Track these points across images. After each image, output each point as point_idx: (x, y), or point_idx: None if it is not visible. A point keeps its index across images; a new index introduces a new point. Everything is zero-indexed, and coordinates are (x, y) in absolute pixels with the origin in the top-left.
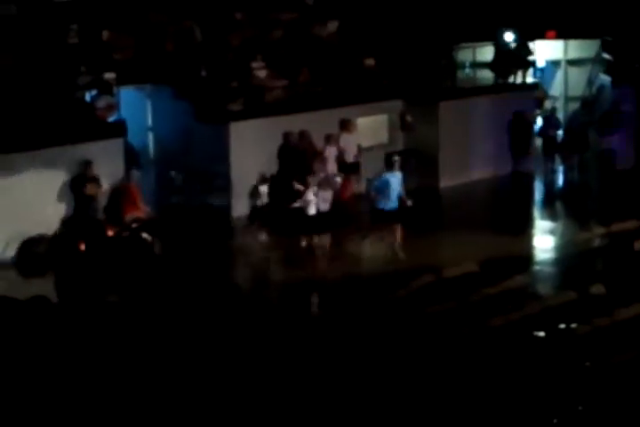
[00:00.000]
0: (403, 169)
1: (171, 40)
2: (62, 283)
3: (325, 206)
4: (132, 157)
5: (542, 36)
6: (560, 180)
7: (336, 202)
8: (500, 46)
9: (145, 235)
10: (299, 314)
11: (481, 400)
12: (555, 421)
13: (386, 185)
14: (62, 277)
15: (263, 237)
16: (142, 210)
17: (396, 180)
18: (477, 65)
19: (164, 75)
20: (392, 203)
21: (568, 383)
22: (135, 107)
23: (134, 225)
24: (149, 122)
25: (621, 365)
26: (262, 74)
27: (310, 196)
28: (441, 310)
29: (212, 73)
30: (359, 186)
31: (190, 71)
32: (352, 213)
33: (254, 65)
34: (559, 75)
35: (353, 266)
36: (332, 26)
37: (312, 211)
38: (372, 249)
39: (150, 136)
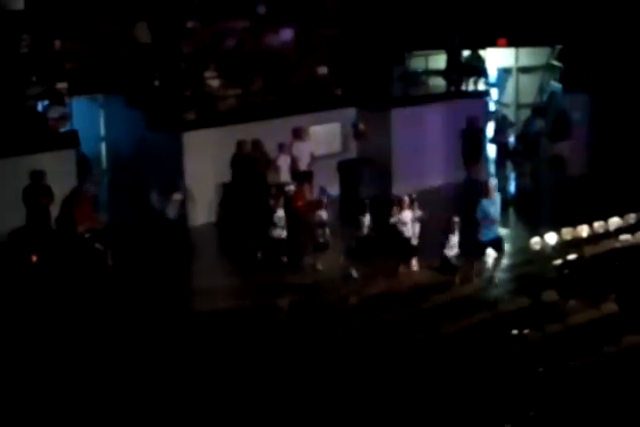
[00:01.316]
0: (356, 179)
1: (122, 49)
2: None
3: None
4: (85, 168)
5: (494, 44)
6: (512, 186)
7: (289, 211)
8: (452, 54)
9: (98, 245)
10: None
11: (436, 405)
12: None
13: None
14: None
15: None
16: (95, 220)
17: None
18: (430, 73)
19: (116, 84)
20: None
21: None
22: (88, 117)
23: (87, 235)
24: (102, 132)
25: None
26: (215, 83)
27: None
28: (393, 318)
29: (164, 82)
30: (312, 194)
31: (143, 80)
32: (306, 223)
33: (207, 74)
34: (510, 82)
35: None
36: (286, 34)
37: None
38: None
39: (103, 146)
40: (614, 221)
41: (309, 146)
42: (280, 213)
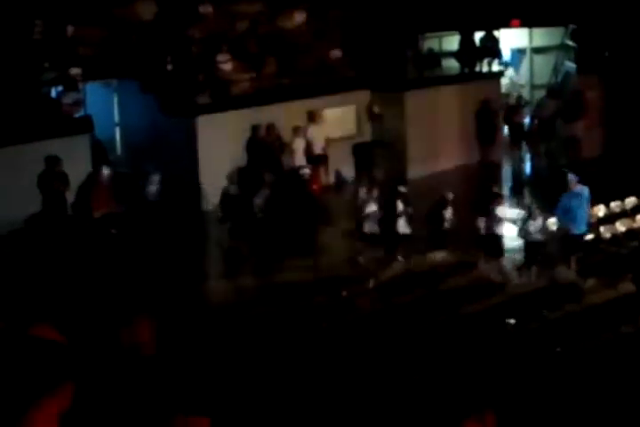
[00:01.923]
0: (371, 161)
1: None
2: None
3: None
4: (100, 153)
5: (507, 25)
6: (527, 167)
7: (305, 194)
8: (466, 35)
9: (114, 231)
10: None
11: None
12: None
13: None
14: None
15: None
16: (111, 206)
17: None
18: (443, 54)
19: (129, 69)
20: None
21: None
22: (101, 102)
23: (103, 221)
24: (116, 117)
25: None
26: (228, 66)
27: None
28: (411, 300)
29: (177, 66)
30: (327, 178)
31: (156, 65)
32: (322, 207)
33: (220, 58)
34: (525, 63)
35: None
36: (299, 17)
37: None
38: None
39: (117, 131)
40: (631, 201)
41: (324, 129)
42: None
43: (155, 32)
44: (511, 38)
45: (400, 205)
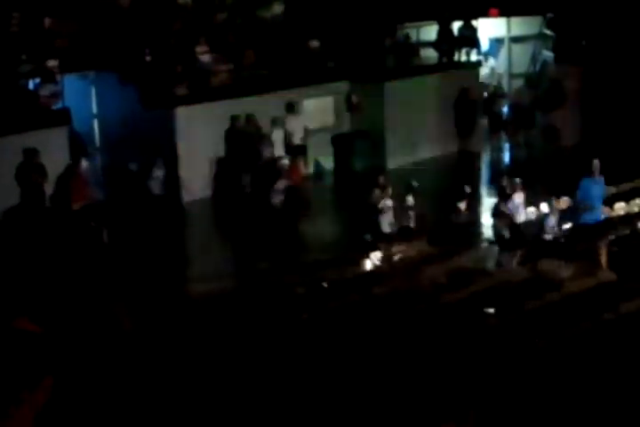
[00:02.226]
0: (350, 152)
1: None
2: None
3: None
4: (78, 145)
5: (485, 14)
6: (506, 157)
7: (287, 186)
8: (444, 25)
9: (93, 223)
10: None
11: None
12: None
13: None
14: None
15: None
16: (90, 198)
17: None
18: (421, 44)
19: (107, 61)
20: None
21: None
22: (79, 94)
23: (82, 213)
24: (94, 109)
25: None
26: (207, 58)
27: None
28: (388, 292)
29: (156, 58)
30: (306, 168)
31: (134, 56)
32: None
33: (198, 49)
34: (503, 52)
35: None
36: (278, 8)
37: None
38: None
39: (95, 123)
40: (609, 190)
41: (303, 120)
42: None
43: (133, 23)
44: (489, 28)
45: (410, 200)
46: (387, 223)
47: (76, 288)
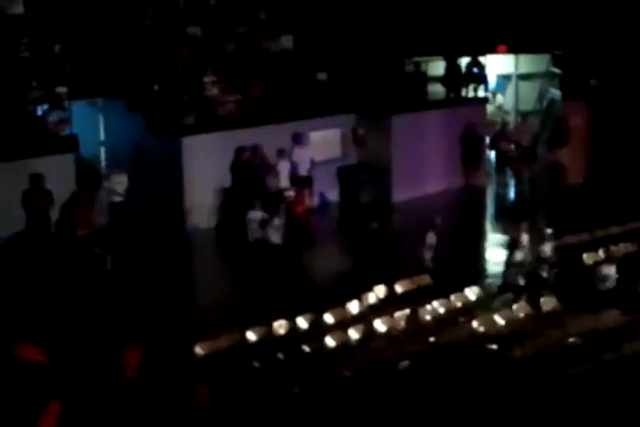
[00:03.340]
0: (356, 184)
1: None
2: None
3: None
4: (85, 172)
5: (493, 51)
6: (511, 193)
7: (289, 217)
8: (452, 61)
9: (97, 250)
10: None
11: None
12: None
13: None
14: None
15: None
16: (95, 225)
17: None
18: (429, 79)
19: (116, 88)
20: None
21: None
22: (87, 121)
23: (87, 240)
24: (102, 136)
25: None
26: (214, 88)
27: None
28: None
29: (164, 86)
30: (312, 200)
31: (142, 84)
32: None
33: (206, 79)
34: (510, 89)
35: None
36: (286, 40)
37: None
38: None
39: (102, 150)
40: (614, 230)
41: (309, 151)
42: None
43: (142, 52)
44: (497, 64)
45: (432, 237)
46: (429, 259)
47: (81, 317)
